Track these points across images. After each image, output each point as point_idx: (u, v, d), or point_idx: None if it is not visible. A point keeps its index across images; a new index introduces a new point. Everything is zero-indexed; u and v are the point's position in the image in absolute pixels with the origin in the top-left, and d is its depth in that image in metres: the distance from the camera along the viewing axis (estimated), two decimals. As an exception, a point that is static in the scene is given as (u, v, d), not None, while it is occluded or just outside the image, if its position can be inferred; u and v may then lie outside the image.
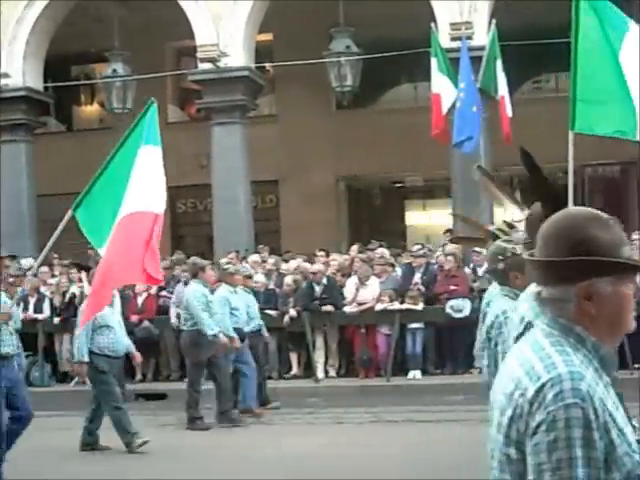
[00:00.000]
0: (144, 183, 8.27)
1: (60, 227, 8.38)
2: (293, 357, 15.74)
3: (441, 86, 15.81)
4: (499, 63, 15.70)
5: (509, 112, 15.68)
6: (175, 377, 15.99)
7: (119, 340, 10.59)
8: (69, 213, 8.34)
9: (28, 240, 18.85)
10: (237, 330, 12.40)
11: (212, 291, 12.44)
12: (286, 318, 15.37)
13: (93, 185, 8.39)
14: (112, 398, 10.36)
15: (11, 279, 14.64)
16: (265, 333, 13.69)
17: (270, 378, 15.27)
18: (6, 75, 19.08)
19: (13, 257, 9.32)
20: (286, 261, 17.21)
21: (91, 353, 10.34)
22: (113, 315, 10.67)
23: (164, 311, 16.19)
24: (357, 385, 14.98)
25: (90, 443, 10.47)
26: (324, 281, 15.61)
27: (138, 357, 11.38)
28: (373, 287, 15.59)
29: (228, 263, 13.84)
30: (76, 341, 10.51)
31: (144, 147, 8.49)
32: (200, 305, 11.82)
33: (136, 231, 8.04)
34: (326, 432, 11.40)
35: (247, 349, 12.67)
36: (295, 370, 15.87)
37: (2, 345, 8.60)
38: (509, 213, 5.64)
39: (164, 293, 16.57)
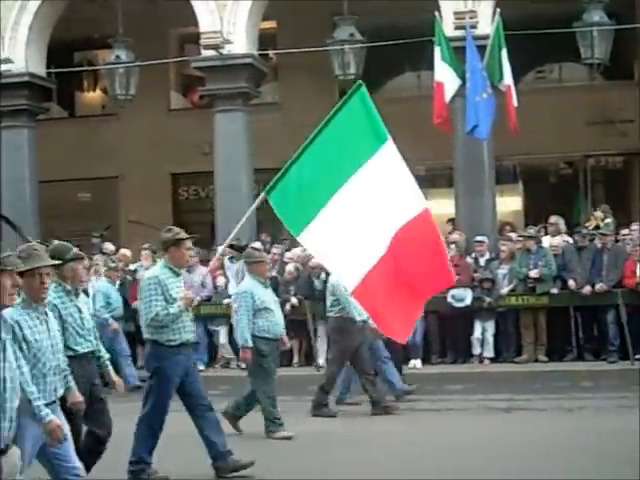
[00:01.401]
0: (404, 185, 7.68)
1: (252, 207, 8.15)
2: (294, 345, 15.71)
3: (444, 75, 15.77)
4: (504, 52, 15.66)
5: (515, 102, 15.64)
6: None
7: (278, 322, 10.52)
8: (262, 195, 7.91)
9: (30, 226, 18.82)
10: None
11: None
12: (287, 306, 15.31)
13: (289, 168, 7.89)
14: (267, 382, 10.32)
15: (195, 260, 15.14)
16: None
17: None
18: (9, 60, 19.02)
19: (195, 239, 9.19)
20: (288, 249, 17.17)
21: (252, 336, 10.27)
22: (271, 297, 10.64)
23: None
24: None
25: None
26: (322, 276, 15.42)
27: (287, 341, 11.17)
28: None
29: None
30: (238, 326, 10.39)
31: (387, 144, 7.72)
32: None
33: (420, 237, 7.45)
34: (325, 421, 11.39)
35: None
36: (296, 358, 15.88)
37: (183, 331, 8.22)
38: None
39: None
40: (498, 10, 16.03)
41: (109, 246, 18.14)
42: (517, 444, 9.26)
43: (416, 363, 15.12)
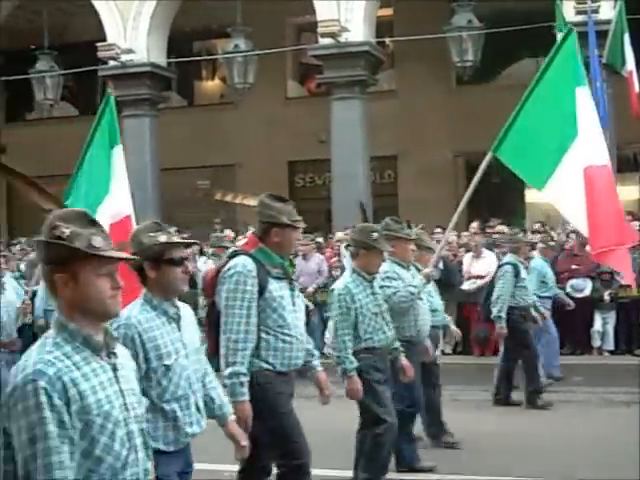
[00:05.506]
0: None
1: (479, 173, 8.05)
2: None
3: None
4: (627, 37, 15.27)
5: (637, 87, 15.25)
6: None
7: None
8: (488, 156, 7.87)
9: (152, 214, 19.21)
10: None
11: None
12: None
13: (513, 123, 7.98)
14: None
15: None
16: None
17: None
18: (130, 51, 19.46)
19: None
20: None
21: None
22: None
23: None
24: (472, 363, 14.87)
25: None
26: (440, 266, 15.20)
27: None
28: (488, 260, 15.38)
29: None
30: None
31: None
32: None
33: None
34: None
35: None
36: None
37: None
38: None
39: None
40: (620, -6, 15.64)
41: (228, 233, 18.35)
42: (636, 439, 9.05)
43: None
